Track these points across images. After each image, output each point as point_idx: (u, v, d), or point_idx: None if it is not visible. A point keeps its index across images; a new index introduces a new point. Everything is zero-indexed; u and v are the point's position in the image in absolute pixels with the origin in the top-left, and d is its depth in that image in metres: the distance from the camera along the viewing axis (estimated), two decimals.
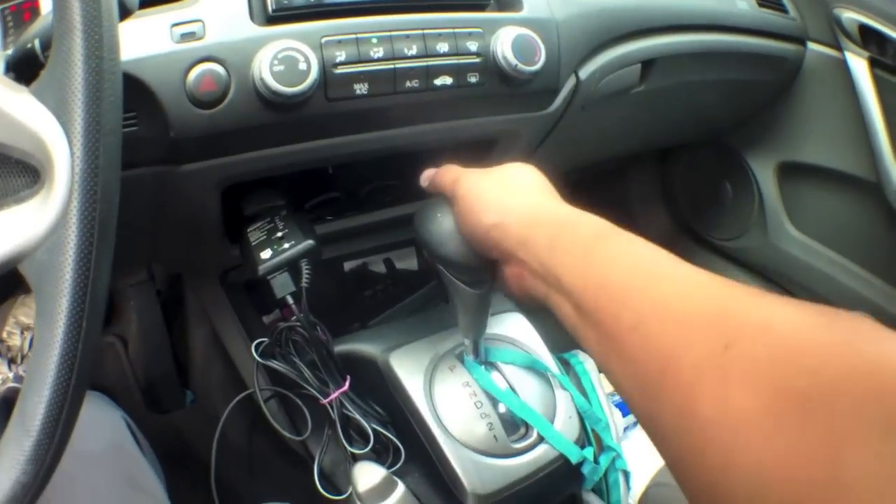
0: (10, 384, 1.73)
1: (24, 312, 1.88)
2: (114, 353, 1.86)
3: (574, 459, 1.18)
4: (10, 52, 0.82)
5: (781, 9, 1.86)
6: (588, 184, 2.64)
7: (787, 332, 0.51)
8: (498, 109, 1.25)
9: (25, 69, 0.79)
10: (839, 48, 1.84)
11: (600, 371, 0.69)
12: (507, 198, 0.85)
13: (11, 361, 1.81)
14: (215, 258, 1.40)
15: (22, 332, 1.85)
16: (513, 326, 1.30)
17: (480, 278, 0.99)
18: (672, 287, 0.60)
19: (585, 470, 1.24)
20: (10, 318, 1.86)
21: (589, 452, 1.22)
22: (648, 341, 0.58)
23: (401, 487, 1.12)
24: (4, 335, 1.86)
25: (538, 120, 1.32)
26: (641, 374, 0.59)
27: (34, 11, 1.02)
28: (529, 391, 1.21)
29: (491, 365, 1.20)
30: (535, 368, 1.24)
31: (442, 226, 0.95)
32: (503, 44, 1.13)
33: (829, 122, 1.96)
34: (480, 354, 1.17)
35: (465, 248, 0.92)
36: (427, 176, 1.06)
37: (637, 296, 0.61)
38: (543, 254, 0.75)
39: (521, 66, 1.13)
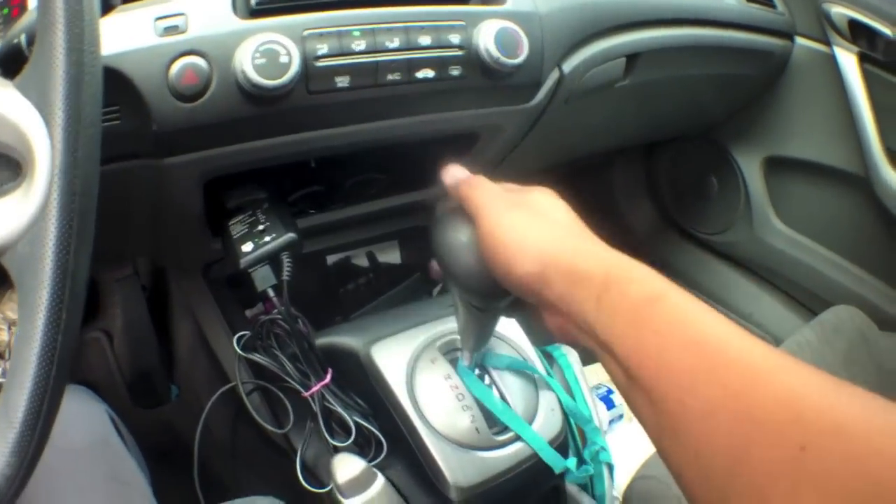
0: None
1: (11, 308, 1.87)
2: (99, 348, 1.86)
3: (557, 470, 1.19)
4: None
5: (769, 3, 1.87)
6: (574, 177, 2.64)
7: (860, 435, 0.50)
8: (480, 102, 1.25)
9: (11, 64, 0.79)
10: (828, 43, 1.85)
11: (651, 440, 0.66)
12: (544, 242, 0.78)
13: None
14: (198, 251, 1.40)
15: (10, 328, 1.84)
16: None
17: (492, 305, 0.98)
18: (741, 375, 0.57)
19: (568, 478, 1.25)
20: None
21: (572, 462, 1.23)
22: (718, 435, 0.56)
23: (380, 479, 1.13)
24: None
25: (521, 113, 1.32)
26: (706, 465, 0.57)
27: (23, 8, 1.01)
28: (514, 390, 1.21)
29: (481, 367, 1.21)
30: (523, 370, 1.25)
31: (461, 247, 0.90)
32: (485, 37, 1.13)
33: (817, 116, 1.97)
34: (474, 362, 1.17)
35: (483, 277, 0.87)
36: (450, 175, 0.98)
37: (704, 383, 0.58)
38: (590, 313, 0.70)
39: (503, 60, 1.13)
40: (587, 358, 1.50)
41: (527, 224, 0.80)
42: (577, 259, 0.73)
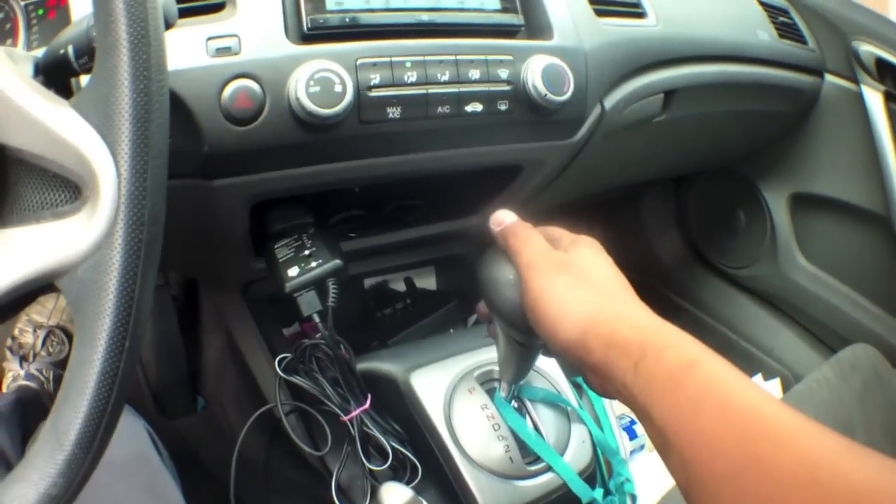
0: (22, 382, 1.74)
1: (37, 311, 1.89)
2: (135, 368, 1.87)
3: (584, 500, 1.20)
4: (39, 53, 0.81)
5: (801, 40, 1.87)
6: (603, 208, 2.65)
7: (873, 496, 0.53)
8: (525, 137, 1.26)
9: (56, 75, 0.79)
10: (856, 81, 1.84)
11: (685, 499, 0.68)
12: (585, 309, 0.79)
13: (24, 359, 1.81)
14: (240, 271, 1.41)
15: (35, 331, 1.86)
16: None
17: (535, 342, 0.98)
18: (767, 440, 0.60)
19: None
20: (24, 315, 1.87)
21: (599, 493, 1.24)
22: (744, 496, 0.59)
23: None
24: (17, 332, 1.87)
25: (563, 148, 1.32)
26: None
27: (59, 9, 1.01)
28: (548, 421, 1.23)
29: (517, 399, 1.22)
30: (557, 402, 1.26)
31: (506, 285, 0.91)
32: (533, 73, 1.13)
33: (843, 154, 1.96)
34: (511, 393, 1.18)
35: (524, 315, 0.87)
36: (498, 222, 0.97)
37: (733, 447, 0.61)
38: (628, 378, 0.71)
39: (550, 96, 1.14)
40: None
41: (570, 289, 0.81)
42: (617, 327, 0.74)
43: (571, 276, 0.82)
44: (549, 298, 0.81)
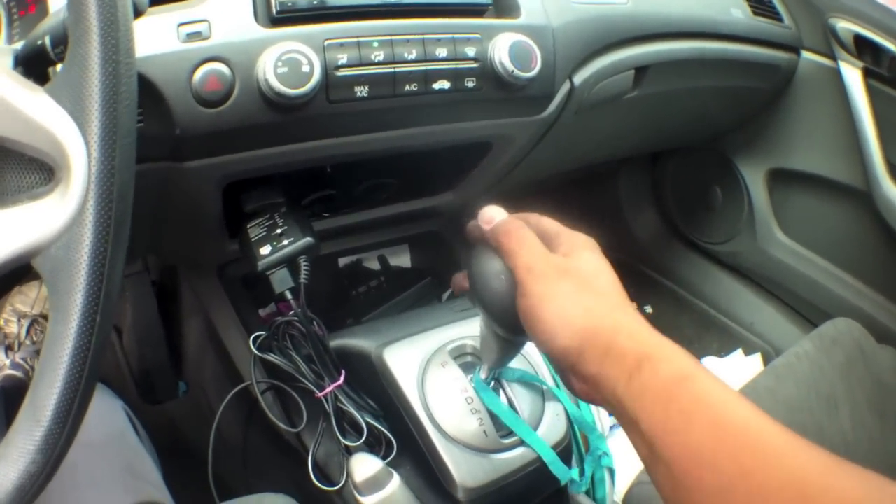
0: (7, 371, 1.75)
1: (20, 300, 1.89)
2: (108, 343, 1.87)
3: (563, 480, 1.22)
4: (18, 46, 0.82)
5: (776, 17, 1.87)
6: (580, 186, 2.66)
7: None
8: (494, 113, 1.27)
9: (35, 65, 0.80)
10: (833, 57, 1.85)
11: None
12: (586, 318, 0.77)
13: (9, 349, 1.82)
14: (214, 252, 1.42)
15: (19, 320, 1.86)
16: None
17: (521, 339, 0.98)
18: (755, 456, 0.61)
19: (572, 489, 1.27)
20: (7, 305, 1.87)
21: (576, 473, 1.26)
22: None
23: (396, 478, 1.15)
24: (1, 323, 1.87)
25: (533, 124, 1.34)
26: None
27: (39, 3, 1.02)
28: (522, 397, 1.24)
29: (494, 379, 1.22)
30: (533, 381, 1.28)
31: (495, 283, 0.88)
32: (500, 50, 1.14)
33: (821, 130, 1.97)
34: (490, 377, 1.18)
35: (515, 317, 0.84)
36: (487, 219, 0.92)
37: (722, 462, 0.62)
38: (619, 388, 0.71)
39: (517, 73, 1.15)
40: None
41: (571, 297, 0.79)
42: (616, 338, 0.74)
43: (573, 284, 0.80)
44: (548, 306, 0.79)
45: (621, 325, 0.75)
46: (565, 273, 0.80)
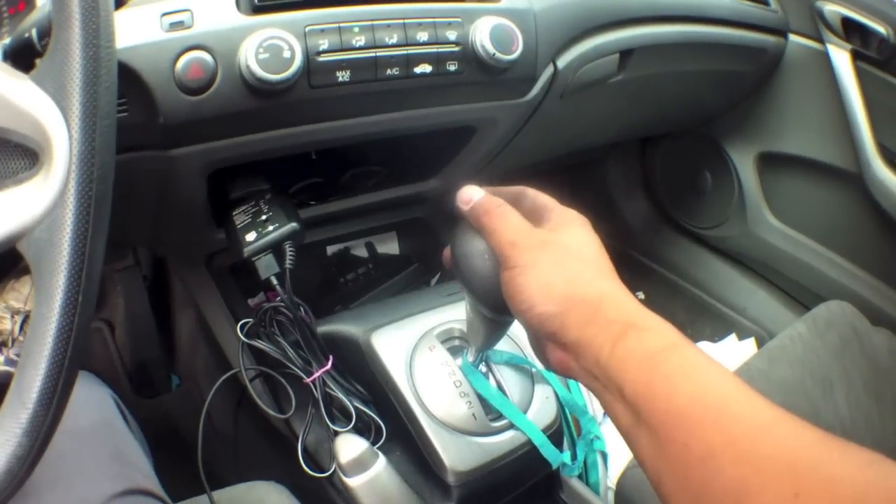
0: (1, 367, 1.75)
1: (14, 297, 1.89)
2: (100, 338, 1.87)
3: (554, 465, 1.22)
4: (6, 41, 0.84)
5: (762, 0, 1.87)
6: (569, 172, 2.66)
7: (850, 485, 0.54)
8: (476, 97, 1.27)
9: (22, 57, 0.81)
10: (821, 40, 1.86)
11: (651, 481, 0.68)
12: (569, 286, 0.76)
13: (2, 345, 1.82)
14: (201, 242, 1.43)
15: (12, 317, 1.86)
16: None
17: (507, 319, 0.98)
18: (743, 425, 0.61)
19: (564, 472, 1.28)
20: (1, 302, 1.88)
21: (567, 457, 1.26)
22: (718, 476, 0.59)
23: (382, 459, 1.15)
24: None
25: (516, 108, 1.34)
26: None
27: (29, 1, 1.03)
28: (512, 381, 1.25)
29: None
30: (521, 364, 1.28)
31: (478, 262, 0.88)
32: (481, 33, 1.15)
33: (810, 113, 1.98)
34: (478, 359, 1.19)
35: (500, 296, 0.83)
36: (465, 199, 0.90)
37: (708, 429, 0.62)
38: (603, 355, 0.70)
39: (498, 55, 1.15)
40: None
41: (554, 265, 0.78)
42: (601, 305, 0.73)
43: (556, 254, 0.79)
44: (530, 274, 0.78)
45: (606, 293, 0.75)
46: (549, 243, 0.80)
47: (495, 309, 0.90)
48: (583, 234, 0.82)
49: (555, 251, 0.79)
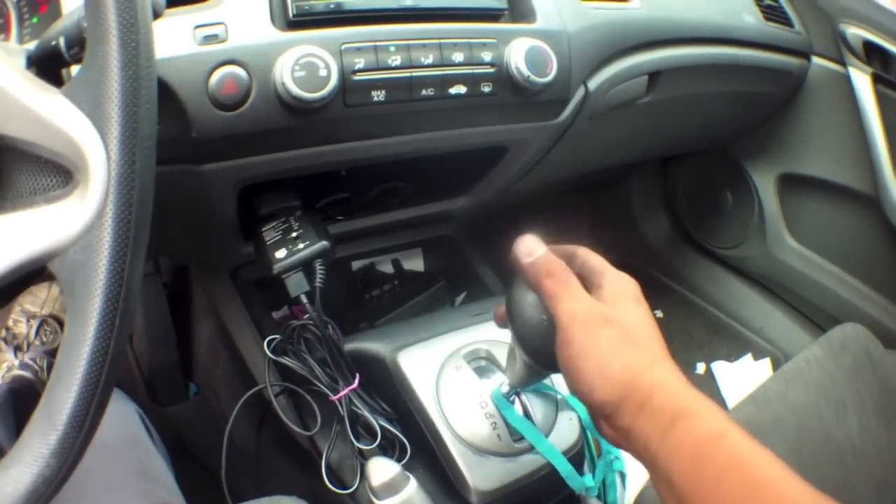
0: (16, 372, 1.75)
1: (30, 301, 1.89)
2: (125, 348, 1.88)
3: (577, 491, 1.22)
4: (31, 46, 0.82)
5: (787, 23, 1.88)
6: (591, 191, 2.66)
7: None
8: (509, 118, 1.27)
9: (48, 66, 0.80)
10: (843, 63, 1.86)
11: None
12: (626, 373, 0.75)
13: (17, 349, 1.82)
14: (229, 255, 1.42)
15: (28, 321, 1.86)
16: None
17: (550, 372, 0.98)
18: None
19: (591, 494, 1.27)
20: (17, 306, 1.88)
21: (589, 480, 1.26)
22: None
23: (413, 482, 1.15)
24: (10, 323, 1.88)
25: (548, 129, 1.34)
26: None
27: (50, 3, 1.02)
28: (536, 402, 1.24)
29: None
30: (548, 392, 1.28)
31: (534, 323, 0.87)
32: (516, 55, 1.15)
33: (831, 135, 1.98)
34: (511, 393, 1.18)
35: (550, 356, 0.83)
36: (527, 251, 0.87)
37: None
38: (652, 445, 0.70)
39: (533, 78, 1.15)
40: None
41: (612, 349, 0.77)
42: (654, 394, 0.73)
43: (615, 336, 0.78)
44: (590, 357, 0.77)
45: (659, 381, 0.74)
46: (608, 323, 0.79)
47: (545, 365, 0.90)
48: (638, 312, 0.81)
49: (613, 332, 0.78)
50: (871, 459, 1.39)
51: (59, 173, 0.67)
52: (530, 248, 0.87)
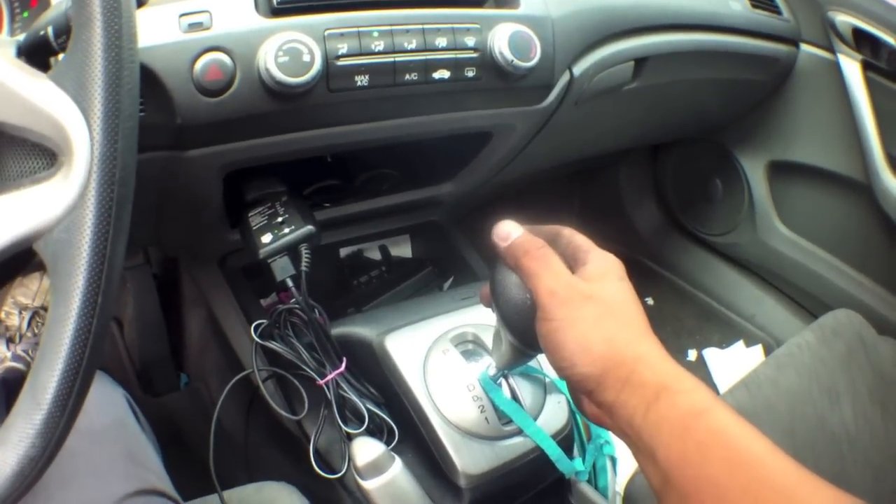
0: (9, 363, 1.75)
1: (22, 293, 1.89)
2: (109, 336, 1.88)
3: (567, 474, 1.22)
4: (20, 37, 0.83)
5: (775, 10, 1.88)
6: (580, 178, 2.66)
7: None
8: (494, 103, 1.28)
9: (38, 55, 0.80)
10: (832, 50, 1.86)
11: None
12: (608, 347, 0.75)
13: (10, 341, 1.82)
14: (216, 242, 1.43)
15: (20, 313, 1.86)
16: None
17: (536, 353, 0.97)
18: (770, 492, 0.62)
19: (581, 478, 1.28)
20: (9, 298, 1.88)
21: (579, 464, 1.26)
22: None
23: (398, 462, 1.15)
24: (2, 315, 1.87)
25: (533, 114, 1.34)
26: None
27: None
28: (525, 387, 1.25)
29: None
30: (535, 374, 1.28)
31: (517, 303, 0.86)
32: (500, 40, 1.15)
33: (820, 122, 1.98)
34: (498, 376, 1.19)
35: (535, 335, 0.83)
36: (503, 235, 0.87)
37: (736, 496, 0.63)
38: (636, 419, 0.70)
39: (516, 62, 1.15)
40: None
41: (593, 324, 0.77)
42: (637, 368, 0.73)
43: (595, 311, 0.78)
44: (570, 332, 0.77)
45: (642, 355, 0.75)
46: (588, 299, 0.78)
47: (528, 345, 0.90)
48: (621, 288, 0.81)
49: (595, 307, 0.78)
50: (867, 447, 1.39)
51: (45, 155, 0.68)
52: (507, 231, 0.87)
